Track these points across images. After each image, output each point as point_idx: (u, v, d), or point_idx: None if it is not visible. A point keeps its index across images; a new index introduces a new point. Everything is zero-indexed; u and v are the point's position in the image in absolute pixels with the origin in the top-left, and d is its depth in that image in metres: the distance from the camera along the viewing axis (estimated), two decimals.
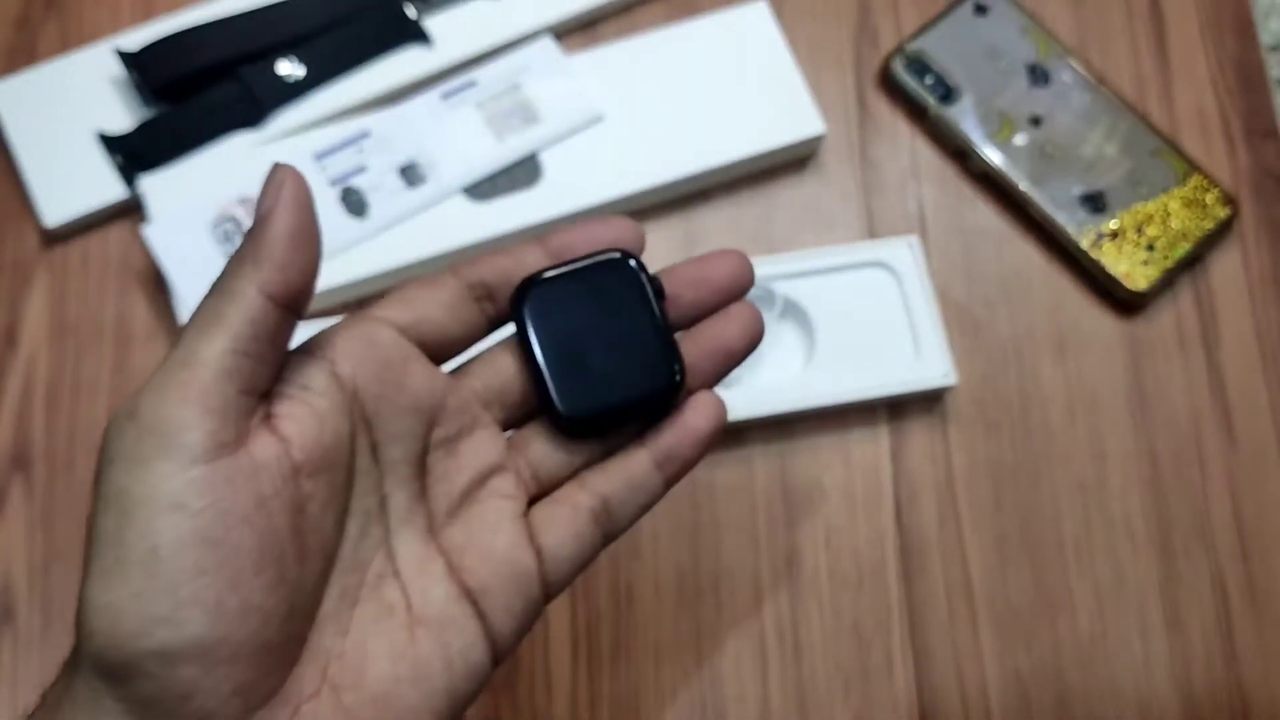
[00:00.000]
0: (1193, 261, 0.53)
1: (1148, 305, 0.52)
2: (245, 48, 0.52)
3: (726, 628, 0.47)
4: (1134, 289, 0.51)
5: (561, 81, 0.52)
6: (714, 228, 0.53)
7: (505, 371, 0.30)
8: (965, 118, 0.54)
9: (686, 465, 0.30)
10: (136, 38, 0.52)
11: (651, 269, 0.31)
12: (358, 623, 0.26)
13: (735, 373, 0.48)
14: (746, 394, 0.48)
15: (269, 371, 0.26)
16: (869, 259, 0.50)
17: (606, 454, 0.31)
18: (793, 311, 0.50)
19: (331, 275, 0.48)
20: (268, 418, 0.26)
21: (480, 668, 0.27)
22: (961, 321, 0.52)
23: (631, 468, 0.30)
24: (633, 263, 0.31)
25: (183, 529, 0.22)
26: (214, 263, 0.48)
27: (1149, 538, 0.49)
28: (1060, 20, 0.57)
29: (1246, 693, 0.47)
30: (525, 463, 0.30)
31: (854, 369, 0.49)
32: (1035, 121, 0.54)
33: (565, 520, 0.29)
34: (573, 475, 0.30)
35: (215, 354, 0.24)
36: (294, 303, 0.26)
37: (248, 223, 0.49)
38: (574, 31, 0.56)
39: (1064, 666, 0.47)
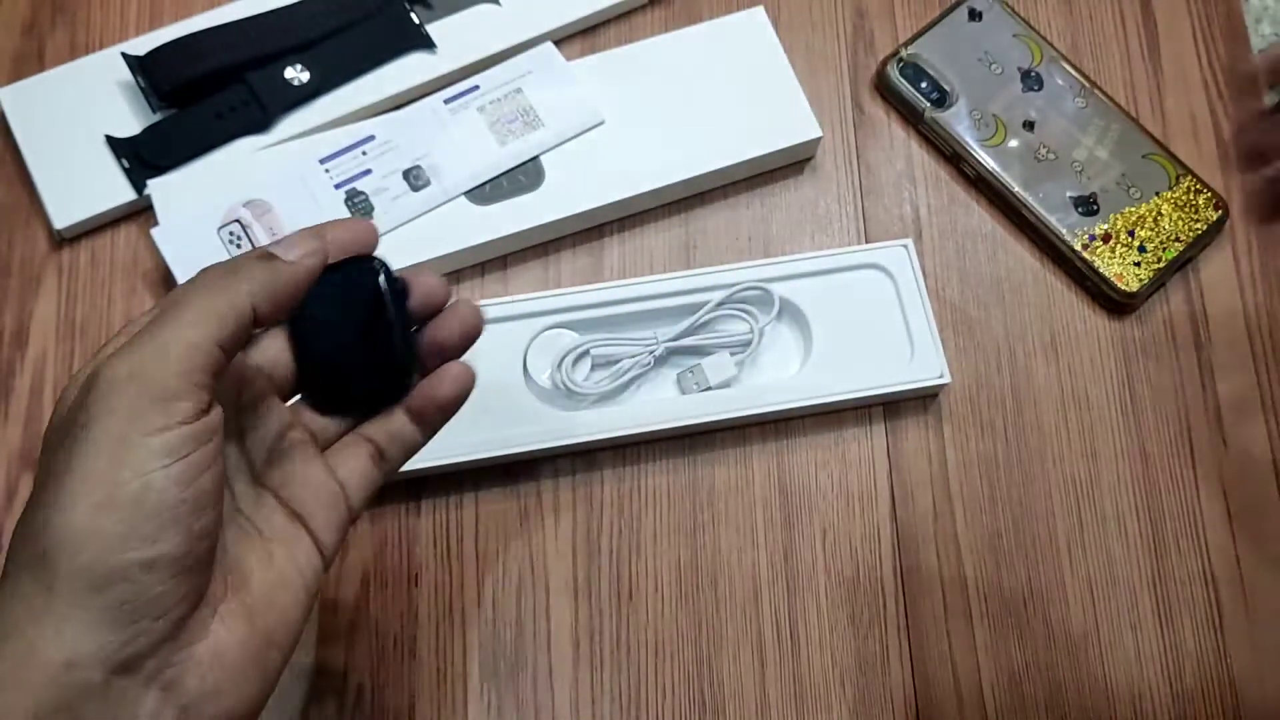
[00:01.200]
0: (1184, 263, 0.53)
1: (1139, 306, 0.53)
2: (252, 53, 0.52)
3: (725, 623, 0.47)
4: (1126, 290, 0.52)
5: (563, 87, 0.53)
6: (712, 230, 0.53)
7: (279, 354, 0.36)
8: (959, 122, 0.55)
9: (437, 424, 0.37)
10: (144, 43, 0.53)
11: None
12: (233, 544, 0.33)
13: (734, 373, 0.49)
14: (745, 394, 0.49)
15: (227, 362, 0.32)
16: (865, 261, 0.51)
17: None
18: (790, 313, 0.51)
19: None
20: None
21: (319, 570, 0.34)
22: (956, 322, 0.53)
23: (392, 426, 0.37)
24: (375, 264, 0.35)
25: (171, 471, 0.29)
26: None
27: (1140, 534, 0.49)
28: (1053, 25, 0.58)
29: (1237, 685, 0.47)
30: (304, 424, 0.36)
31: (850, 369, 0.49)
32: (1028, 125, 0.55)
33: (352, 459, 0.36)
34: (347, 431, 0.37)
35: (211, 343, 0.30)
36: (265, 324, 0.32)
37: (254, 225, 0.50)
38: (575, 37, 0.56)
39: (1057, 660, 0.47)
